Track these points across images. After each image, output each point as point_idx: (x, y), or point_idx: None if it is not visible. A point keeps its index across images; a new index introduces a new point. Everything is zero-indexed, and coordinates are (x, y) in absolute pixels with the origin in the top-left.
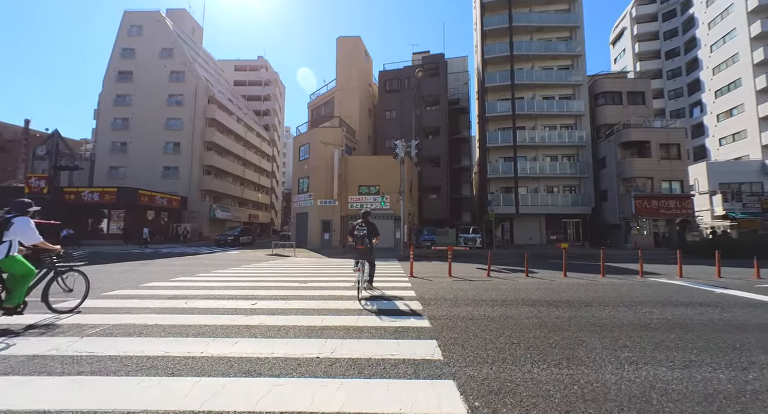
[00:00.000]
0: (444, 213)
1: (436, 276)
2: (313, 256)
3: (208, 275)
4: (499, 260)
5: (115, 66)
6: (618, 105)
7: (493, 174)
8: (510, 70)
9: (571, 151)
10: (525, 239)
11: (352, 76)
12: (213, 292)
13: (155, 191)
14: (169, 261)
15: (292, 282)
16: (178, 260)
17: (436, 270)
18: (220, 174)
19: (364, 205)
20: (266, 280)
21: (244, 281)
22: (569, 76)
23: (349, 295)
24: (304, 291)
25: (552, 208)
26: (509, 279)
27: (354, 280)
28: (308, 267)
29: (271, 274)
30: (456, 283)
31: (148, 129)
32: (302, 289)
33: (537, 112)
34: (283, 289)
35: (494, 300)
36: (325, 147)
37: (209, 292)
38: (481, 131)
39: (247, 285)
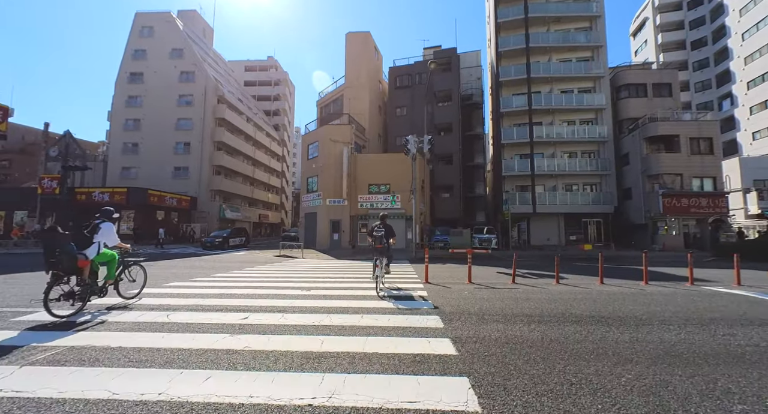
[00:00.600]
0: (457, 212)
1: (455, 282)
2: (321, 258)
3: (206, 279)
4: (519, 263)
5: (126, 67)
6: (642, 98)
7: (508, 172)
8: (526, 63)
9: (591, 147)
10: (542, 240)
11: (361, 73)
12: (203, 302)
13: (165, 191)
14: (174, 262)
15: (294, 289)
16: (182, 262)
17: (453, 274)
18: (229, 174)
19: (374, 205)
20: (266, 286)
21: (242, 287)
22: (589, 68)
23: (357, 307)
24: (306, 301)
25: (571, 207)
26: (538, 286)
27: (367, 285)
28: (314, 270)
29: (273, 278)
30: (479, 292)
31: (158, 130)
32: (304, 298)
33: (555, 107)
34: (282, 297)
35: (529, 315)
36: (334, 145)
37: (200, 301)
38: (495, 127)
39: (243, 292)
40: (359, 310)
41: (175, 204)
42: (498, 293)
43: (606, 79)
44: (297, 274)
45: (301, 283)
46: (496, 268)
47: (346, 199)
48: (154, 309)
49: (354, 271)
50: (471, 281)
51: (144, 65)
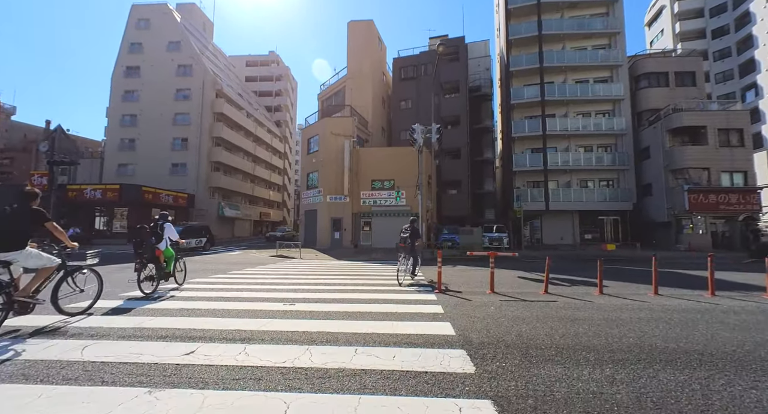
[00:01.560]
0: (464, 210)
1: (473, 290)
2: (320, 258)
3: (179, 287)
4: (536, 264)
5: (123, 61)
6: (663, 87)
7: (519, 167)
8: (538, 52)
9: (608, 140)
10: (555, 239)
11: (364, 64)
12: (147, 324)
13: (161, 188)
14: None
15: (277, 301)
16: None
17: (469, 280)
18: (229, 171)
19: (377, 201)
20: (243, 297)
21: (211, 300)
22: (606, 56)
23: (350, 333)
24: (283, 322)
25: (587, 204)
26: (578, 297)
27: (367, 294)
28: (309, 273)
29: (257, 284)
30: (508, 307)
31: (156, 125)
32: (282, 317)
33: (569, 98)
34: (256, 315)
35: (592, 348)
36: (335, 138)
37: (145, 322)
38: (505, 120)
39: (208, 307)
40: (353, 338)
41: (172, 201)
42: (533, 309)
43: (624, 67)
44: (286, 279)
45: (287, 292)
46: (514, 272)
47: (348, 196)
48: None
49: (354, 274)
50: (494, 290)
51: (141, 59)
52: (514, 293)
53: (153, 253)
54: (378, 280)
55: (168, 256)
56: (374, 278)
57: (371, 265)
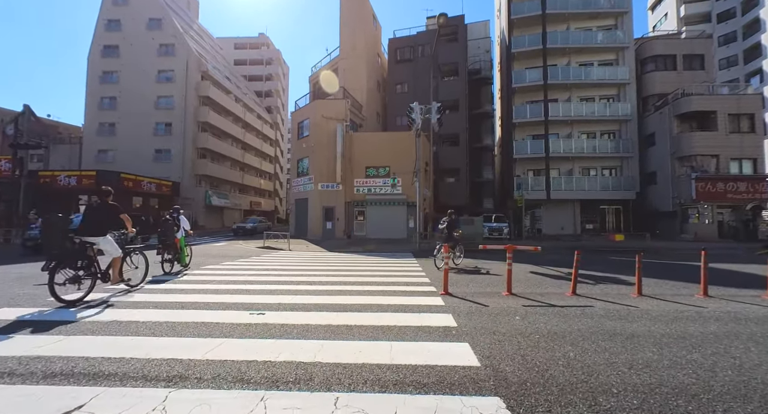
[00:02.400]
0: (463, 199)
1: (484, 291)
2: (310, 250)
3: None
4: (546, 258)
5: (99, 40)
6: (671, 71)
7: (520, 154)
8: (542, 32)
9: (612, 126)
10: (556, 229)
11: (358, 43)
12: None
13: (142, 175)
14: None
15: (243, 308)
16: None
17: (477, 276)
18: (216, 158)
19: (372, 189)
20: (202, 302)
21: (158, 307)
22: (612, 37)
23: (329, 365)
24: (239, 345)
25: (589, 193)
26: (616, 301)
27: (356, 298)
28: (295, 268)
29: (228, 282)
30: (536, 316)
31: (137, 109)
32: (242, 335)
33: (572, 81)
34: (208, 332)
35: (684, 390)
36: (326, 122)
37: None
38: (505, 105)
39: (148, 319)
40: (334, 375)
41: (155, 190)
42: (570, 319)
43: (631, 50)
44: (265, 276)
45: (260, 295)
46: (524, 266)
47: (341, 184)
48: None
49: (345, 269)
50: (511, 292)
51: (119, 37)
52: (535, 295)
53: (173, 240)
54: (372, 278)
55: (182, 242)
56: (367, 274)
57: (365, 258)
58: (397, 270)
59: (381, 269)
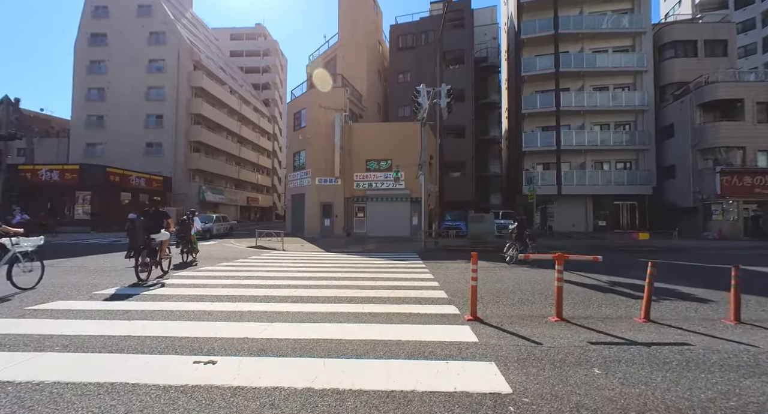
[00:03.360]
0: (468, 194)
1: (522, 314)
2: (306, 249)
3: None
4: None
5: (86, 27)
6: (691, 57)
7: (530, 146)
8: (553, 17)
9: (627, 117)
10: (567, 226)
11: (357, 28)
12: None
13: (130, 170)
14: (95, 260)
15: (191, 350)
16: (117, 257)
17: (504, 288)
18: (211, 151)
19: (373, 184)
20: (139, 339)
21: (64, 347)
22: (629, 21)
23: None
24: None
25: (602, 188)
26: (714, 333)
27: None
28: (283, 275)
29: (193, 299)
30: (623, 368)
31: (127, 100)
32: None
33: (586, 69)
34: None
35: None
36: (324, 112)
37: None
38: (513, 95)
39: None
40: None
41: (144, 184)
42: (672, 371)
43: (648, 35)
44: (241, 290)
45: (221, 323)
46: (547, 271)
47: (340, 178)
48: None
49: (342, 275)
50: (561, 316)
51: (107, 24)
52: (593, 320)
53: (189, 236)
54: (373, 290)
55: (195, 237)
56: (368, 285)
57: (365, 261)
58: (402, 277)
59: (384, 276)
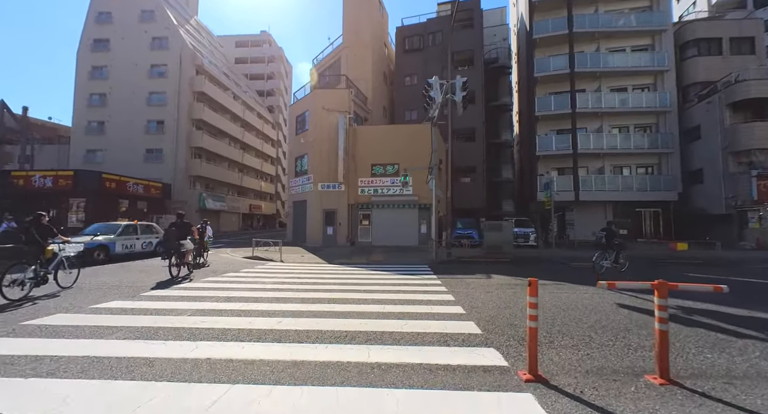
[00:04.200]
0: (479, 201)
1: (600, 366)
2: (306, 261)
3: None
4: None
5: (90, 33)
6: (716, 56)
7: (544, 150)
8: (567, 16)
9: (648, 119)
10: (585, 234)
11: (362, 30)
12: None
13: (128, 176)
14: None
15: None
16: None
17: (553, 317)
18: (212, 158)
19: (378, 190)
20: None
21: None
22: (648, 19)
23: None
24: None
25: (622, 194)
26: None
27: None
28: (273, 296)
29: (145, 335)
30: None
31: (128, 106)
32: None
33: (603, 69)
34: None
35: None
36: (327, 115)
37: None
38: (525, 97)
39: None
40: None
41: (142, 191)
42: None
43: (669, 33)
44: (213, 320)
45: (175, 382)
46: (581, 289)
47: (344, 184)
48: None
49: (342, 298)
50: (668, 377)
51: (110, 30)
52: (717, 384)
53: (202, 244)
54: (383, 322)
55: (208, 243)
56: (375, 308)
57: (371, 275)
58: (417, 299)
59: (394, 297)
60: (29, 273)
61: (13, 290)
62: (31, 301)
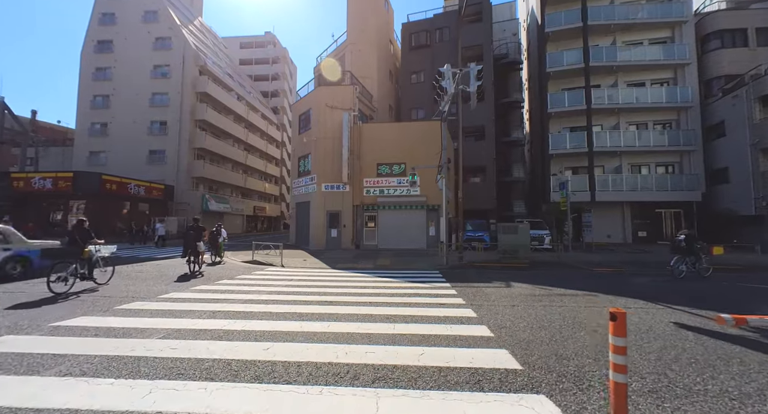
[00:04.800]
0: (489, 201)
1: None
2: (308, 265)
3: None
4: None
5: (93, 35)
6: (741, 48)
7: (557, 149)
8: (581, 7)
9: (668, 115)
10: (601, 237)
11: (368, 26)
12: None
13: (128, 178)
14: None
15: None
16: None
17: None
18: (216, 159)
19: (385, 191)
20: None
21: None
22: (667, 9)
23: None
24: None
25: (641, 194)
26: None
27: None
28: (273, 305)
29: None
30: None
31: (131, 107)
32: None
33: (619, 63)
34: None
35: None
36: (331, 112)
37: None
38: (536, 94)
39: None
40: None
41: (143, 193)
42: None
43: (690, 24)
44: (194, 344)
45: None
46: (615, 300)
47: (348, 184)
48: None
49: (349, 310)
50: None
51: (113, 31)
52: None
53: (216, 244)
54: (394, 350)
55: (222, 245)
56: (384, 329)
57: (378, 283)
58: (432, 315)
59: (404, 313)
60: (71, 270)
61: (59, 285)
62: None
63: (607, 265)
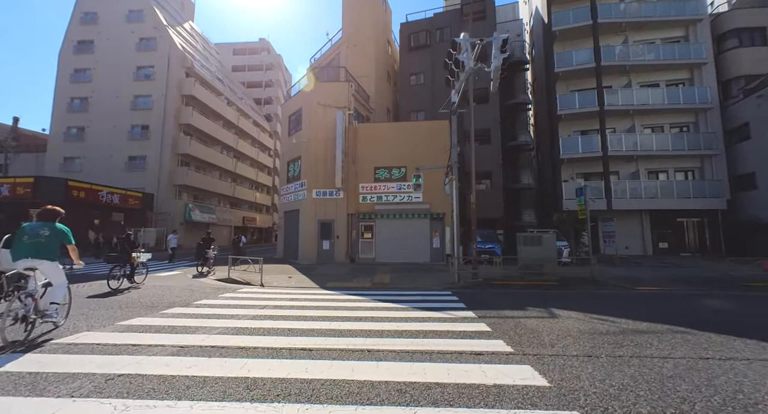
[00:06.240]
0: (497, 210)
1: None
2: (293, 284)
3: None
4: (689, 308)
5: (73, 34)
6: (760, 46)
7: (569, 153)
8: (591, 5)
9: (685, 117)
10: (619, 248)
11: (364, 23)
12: None
13: (100, 185)
14: None
15: None
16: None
17: None
18: (202, 166)
19: (383, 198)
20: None
21: None
22: (681, 7)
23: None
24: None
25: (661, 202)
26: None
27: None
28: (224, 358)
29: None
30: None
31: (110, 110)
32: None
33: (632, 63)
34: None
35: None
36: (324, 111)
37: None
38: (544, 96)
39: None
40: None
41: (118, 201)
42: None
43: (705, 22)
44: None
45: None
46: (706, 336)
47: (342, 190)
48: None
49: (337, 368)
50: None
51: (95, 31)
52: None
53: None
54: None
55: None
56: (401, 407)
57: (378, 311)
58: (464, 373)
59: (421, 370)
60: (121, 272)
61: (114, 283)
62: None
63: (648, 283)
